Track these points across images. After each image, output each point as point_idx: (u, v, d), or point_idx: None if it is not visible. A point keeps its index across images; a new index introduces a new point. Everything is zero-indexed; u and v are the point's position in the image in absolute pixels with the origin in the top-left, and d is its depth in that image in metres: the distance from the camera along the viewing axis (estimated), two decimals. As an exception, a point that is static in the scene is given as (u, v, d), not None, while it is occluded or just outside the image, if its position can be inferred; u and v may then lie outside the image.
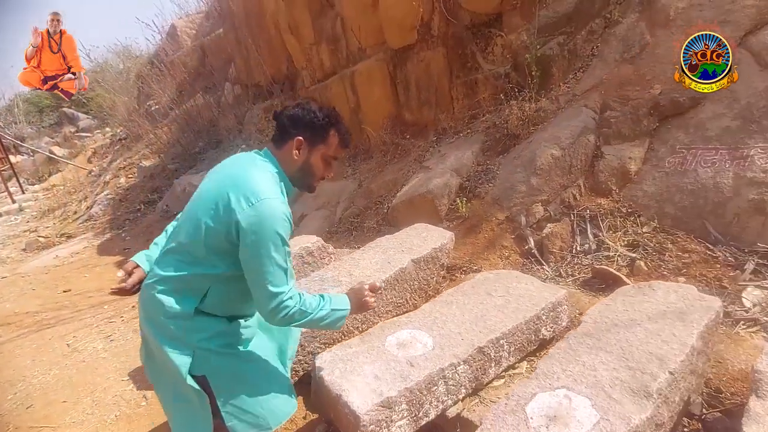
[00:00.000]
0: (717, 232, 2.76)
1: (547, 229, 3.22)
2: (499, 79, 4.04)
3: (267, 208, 1.37)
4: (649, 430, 1.41)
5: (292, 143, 1.51)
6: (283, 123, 1.54)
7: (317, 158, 1.55)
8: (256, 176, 1.44)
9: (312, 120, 1.51)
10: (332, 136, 1.55)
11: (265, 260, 1.38)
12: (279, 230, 1.38)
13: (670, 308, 1.79)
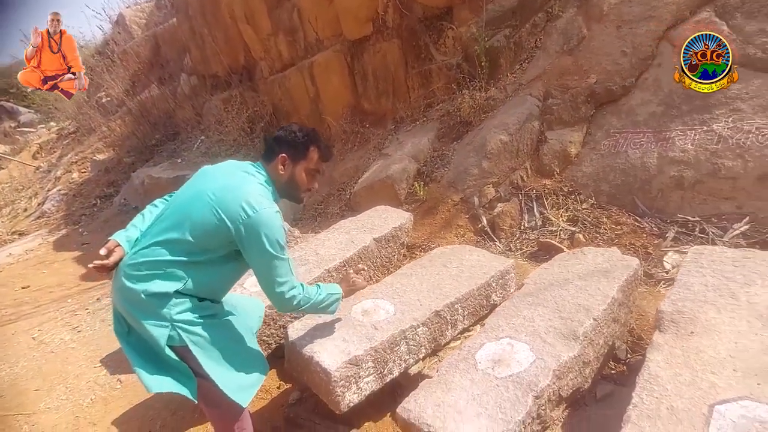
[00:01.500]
0: (644, 206, 3.10)
1: (498, 208, 3.49)
2: (451, 70, 4.28)
3: (267, 217, 1.57)
4: (577, 367, 1.68)
5: (278, 160, 1.71)
6: (270, 143, 1.76)
7: (300, 172, 1.75)
8: (254, 187, 1.64)
9: (293, 139, 1.73)
10: (312, 151, 1.76)
11: (271, 261, 1.59)
12: (278, 235, 1.59)
13: (597, 268, 2.08)
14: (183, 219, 1.60)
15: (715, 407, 1.23)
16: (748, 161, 2.78)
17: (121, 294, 1.61)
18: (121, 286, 1.60)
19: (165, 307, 1.56)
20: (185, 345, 1.58)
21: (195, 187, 1.69)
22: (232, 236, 1.57)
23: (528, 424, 1.47)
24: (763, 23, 3.02)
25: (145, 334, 1.58)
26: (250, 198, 1.58)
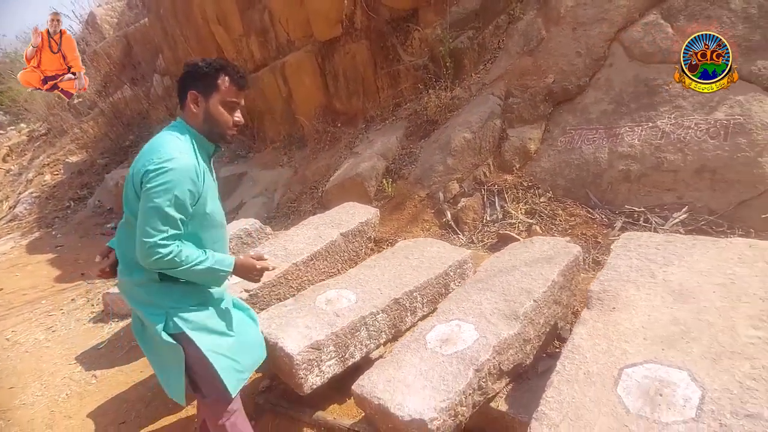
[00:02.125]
0: (596, 198, 3.30)
1: (462, 203, 3.66)
2: (418, 70, 4.43)
3: (165, 161, 1.48)
4: (518, 344, 1.84)
5: (189, 99, 1.59)
6: (178, 85, 1.63)
7: (215, 106, 1.59)
8: (159, 141, 1.56)
9: (197, 71, 1.58)
10: (222, 80, 1.59)
11: (150, 208, 1.46)
12: (173, 179, 1.47)
13: (542, 255, 2.25)
14: (126, 204, 1.61)
15: (624, 370, 1.40)
16: (688, 155, 2.99)
17: (122, 290, 1.71)
18: (119, 284, 1.69)
19: (158, 296, 1.60)
20: (181, 331, 1.60)
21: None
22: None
23: (469, 394, 1.63)
24: (703, 25, 3.23)
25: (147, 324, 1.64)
26: (153, 153, 1.51)
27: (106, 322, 3.55)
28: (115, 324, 3.47)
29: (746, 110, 2.87)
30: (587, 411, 1.32)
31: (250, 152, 5.92)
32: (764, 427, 1.15)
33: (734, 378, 1.28)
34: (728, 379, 1.29)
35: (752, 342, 1.37)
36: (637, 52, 3.45)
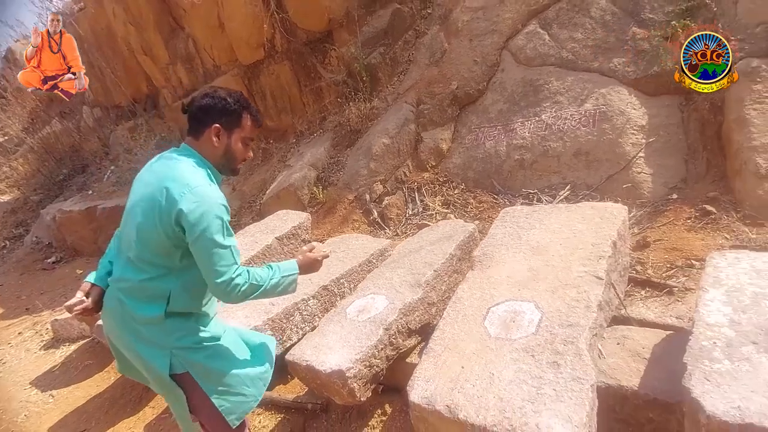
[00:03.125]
0: (499, 185, 3.78)
1: (386, 201, 4.06)
2: (339, 85, 4.82)
3: (203, 195, 1.45)
4: (423, 307, 2.23)
5: (210, 131, 1.56)
6: (196, 114, 1.59)
7: (236, 142, 1.62)
8: (182, 169, 1.51)
9: (225, 106, 1.57)
10: (245, 118, 1.62)
11: (210, 244, 1.44)
12: (218, 213, 1.46)
13: (444, 235, 2.67)
14: (132, 237, 1.54)
15: (490, 309, 1.82)
16: (567, 142, 3.53)
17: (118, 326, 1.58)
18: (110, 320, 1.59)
19: (162, 335, 1.54)
20: (185, 372, 1.56)
21: (132, 199, 1.61)
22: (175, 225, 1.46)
23: (381, 348, 2.00)
24: (571, 32, 3.81)
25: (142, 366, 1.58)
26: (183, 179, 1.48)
27: (57, 347, 3.66)
28: (66, 348, 3.59)
29: (608, 101, 3.45)
30: (461, 341, 1.72)
31: (188, 175, 6.09)
32: (578, 331, 1.58)
33: (564, 302, 1.73)
34: (560, 303, 1.73)
35: (580, 275, 1.83)
36: (523, 57, 4.00)
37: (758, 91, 2.81)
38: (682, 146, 3.17)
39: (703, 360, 1.29)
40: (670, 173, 3.13)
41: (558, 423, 1.31)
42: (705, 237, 2.61)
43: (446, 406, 1.49)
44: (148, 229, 1.50)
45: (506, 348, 1.61)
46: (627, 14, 3.60)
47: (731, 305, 1.46)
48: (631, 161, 3.20)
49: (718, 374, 1.23)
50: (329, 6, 4.57)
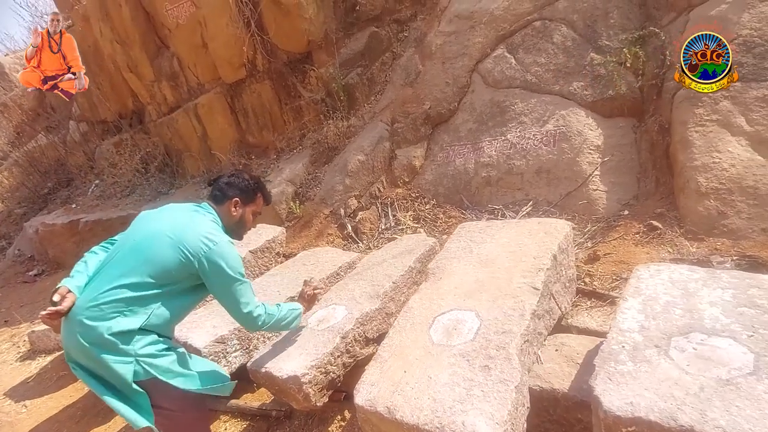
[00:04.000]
0: (467, 201, 3.95)
1: (360, 216, 4.20)
2: (318, 104, 4.99)
3: (226, 248, 1.78)
4: (380, 317, 2.36)
5: (231, 203, 1.93)
6: (221, 186, 1.96)
7: (249, 214, 2.01)
8: (209, 224, 1.83)
9: (246, 186, 1.98)
10: (259, 197, 2.04)
11: (234, 286, 1.78)
12: (237, 262, 1.80)
13: (406, 248, 2.81)
14: (140, 262, 1.71)
15: (436, 317, 1.95)
16: (529, 160, 3.71)
17: (80, 336, 1.64)
18: (80, 329, 1.64)
19: (128, 343, 1.65)
20: (152, 377, 1.68)
21: (145, 230, 1.81)
22: (194, 269, 1.72)
23: (337, 356, 2.12)
24: (535, 56, 4.02)
25: (106, 373, 1.66)
26: (208, 233, 1.76)
27: (33, 359, 3.72)
28: (43, 359, 3.66)
29: (567, 122, 3.64)
30: (407, 347, 1.86)
31: (172, 188, 6.20)
32: (510, 338, 1.72)
33: (502, 311, 1.87)
34: (498, 312, 1.87)
35: (519, 286, 1.97)
36: (491, 79, 4.19)
37: (699, 115, 3.01)
38: (635, 165, 3.36)
39: (609, 362, 1.43)
40: (623, 190, 3.31)
41: (481, 420, 1.44)
42: (650, 251, 2.78)
43: (386, 407, 1.62)
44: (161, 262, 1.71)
45: (446, 354, 1.75)
46: (586, 41, 3.81)
47: (644, 313, 1.61)
48: (588, 179, 3.38)
49: (620, 374, 1.37)
50: (308, 29, 4.76)
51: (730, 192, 2.78)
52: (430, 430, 1.48)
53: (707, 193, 2.83)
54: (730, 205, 2.76)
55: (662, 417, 1.20)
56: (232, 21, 4.80)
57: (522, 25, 4.20)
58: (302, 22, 4.73)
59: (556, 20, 4.02)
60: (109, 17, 5.90)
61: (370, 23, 5.08)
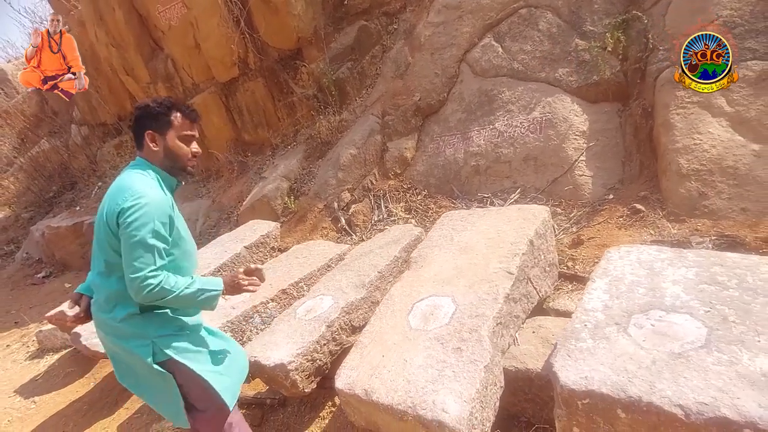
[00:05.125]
0: (458, 190, 4.00)
1: (353, 209, 4.27)
2: (310, 100, 5.05)
3: (140, 197, 1.54)
4: (366, 305, 2.44)
5: (146, 139, 1.67)
6: (133, 128, 1.72)
7: (173, 140, 1.67)
8: (126, 180, 1.62)
9: (150, 112, 1.67)
10: (175, 116, 1.68)
11: (135, 238, 1.51)
12: (152, 212, 1.54)
13: (393, 239, 2.88)
14: (97, 250, 1.66)
15: (415, 304, 2.02)
16: (517, 148, 3.75)
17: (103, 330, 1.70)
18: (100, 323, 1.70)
19: (140, 327, 1.63)
20: (170, 358, 1.64)
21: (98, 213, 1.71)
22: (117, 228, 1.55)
23: (323, 344, 2.20)
24: (521, 44, 4.04)
25: (131, 359, 1.67)
26: (124, 192, 1.57)
27: (42, 357, 3.85)
28: (50, 357, 3.78)
29: (553, 108, 3.67)
30: (386, 333, 1.93)
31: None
32: (483, 321, 1.79)
33: (477, 295, 1.93)
34: (473, 296, 1.93)
35: (495, 271, 2.04)
36: (479, 69, 4.23)
37: (681, 97, 3.03)
38: (620, 149, 3.40)
39: (570, 340, 1.49)
40: (608, 175, 3.35)
41: (450, 398, 1.51)
42: (633, 234, 2.82)
43: (364, 390, 1.70)
44: (103, 239, 1.61)
45: (422, 338, 1.82)
46: (571, 27, 3.83)
47: (609, 293, 1.67)
48: (573, 165, 3.41)
49: (578, 351, 1.44)
50: (297, 25, 4.81)
51: (711, 173, 2.81)
52: (403, 410, 1.55)
53: (688, 174, 2.87)
54: (711, 185, 2.79)
55: (613, 389, 1.26)
56: (222, 21, 4.86)
57: (508, 13, 4.22)
58: (291, 19, 4.77)
59: (541, 7, 4.04)
60: (104, 21, 5.98)
61: (360, 17, 5.12)
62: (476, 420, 1.50)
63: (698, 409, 1.15)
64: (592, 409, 1.29)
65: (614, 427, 1.27)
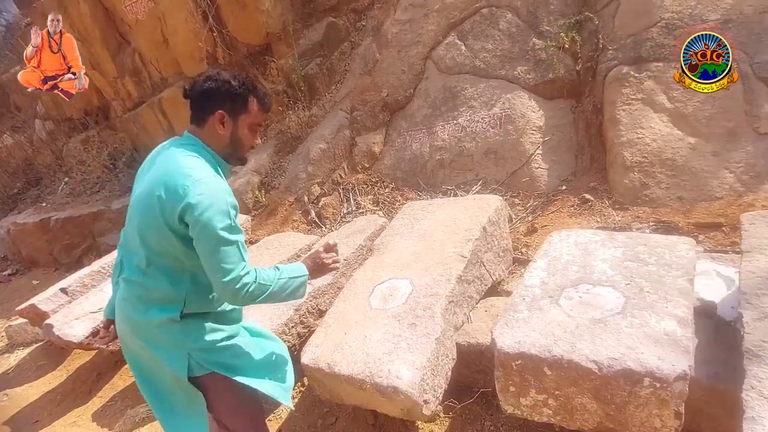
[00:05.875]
0: (423, 183, 4.16)
1: (323, 202, 4.40)
2: (279, 95, 5.13)
3: (207, 187, 1.35)
4: (332, 291, 2.58)
5: (214, 118, 1.46)
6: (198, 100, 1.49)
7: (243, 128, 1.51)
8: (184, 161, 1.41)
9: (229, 90, 1.45)
10: (252, 102, 1.50)
11: (215, 240, 1.34)
12: (224, 207, 1.36)
13: (359, 228, 3.03)
14: (140, 243, 1.46)
15: (376, 286, 2.18)
16: (479, 142, 3.94)
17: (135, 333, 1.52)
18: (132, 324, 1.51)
19: (179, 336, 1.47)
20: (210, 372, 1.50)
21: (132, 197, 1.53)
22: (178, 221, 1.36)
23: (291, 326, 2.34)
24: (483, 43, 4.23)
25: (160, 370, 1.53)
26: (183, 179, 1.37)
27: (11, 352, 3.86)
28: (21, 351, 3.80)
29: (512, 105, 3.87)
30: (349, 314, 2.08)
31: (142, 184, 6.29)
32: (436, 299, 1.96)
33: (432, 277, 2.10)
34: (429, 278, 2.10)
35: (450, 256, 2.21)
36: (443, 66, 4.39)
37: (626, 94, 3.27)
38: (573, 143, 3.62)
39: (509, 311, 1.67)
40: (562, 167, 3.57)
41: (404, 367, 1.67)
42: (582, 221, 3.04)
43: (327, 363, 1.84)
44: (151, 230, 1.41)
45: (381, 316, 1.98)
46: (529, 26, 4.04)
47: (547, 271, 1.85)
48: (530, 158, 3.62)
49: (515, 321, 1.62)
50: (266, 21, 4.88)
51: (652, 164, 3.05)
52: (362, 379, 1.71)
53: (632, 166, 3.10)
54: (652, 176, 3.04)
55: (540, 350, 1.44)
56: (190, 16, 4.89)
57: (471, 12, 4.40)
58: (260, 15, 4.84)
59: (502, 7, 4.23)
60: (68, 14, 5.90)
61: (328, 13, 5.22)
62: (427, 385, 1.66)
63: (609, 363, 1.34)
64: (523, 369, 1.47)
65: (543, 384, 1.46)
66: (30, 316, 3.40)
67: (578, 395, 1.41)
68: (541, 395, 1.49)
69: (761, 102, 2.84)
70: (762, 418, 1.19)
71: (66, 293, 3.42)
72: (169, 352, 1.46)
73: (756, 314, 1.44)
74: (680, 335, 1.37)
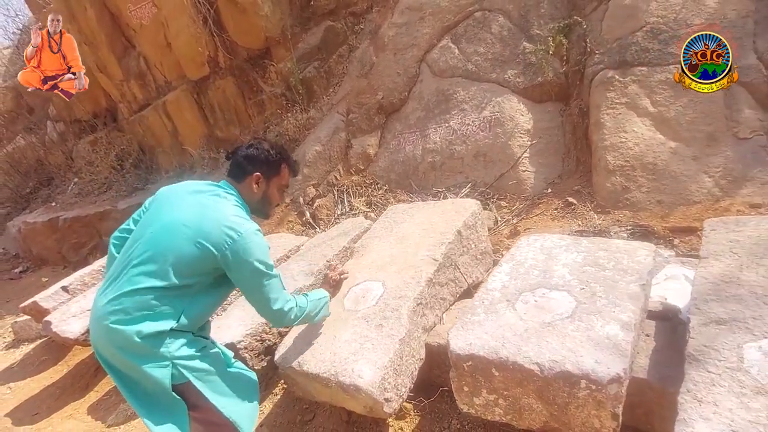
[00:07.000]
0: (416, 185, 4.23)
1: (318, 203, 4.49)
2: (278, 98, 5.24)
3: (253, 238, 1.59)
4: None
5: (251, 178, 1.74)
6: (239, 161, 1.76)
7: (273, 189, 1.82)
8: (230, 209, 1.64)
9: (267, 158, 1.77)
10: (284, 169, 1.83)
11: (263, 282, 1.62)
12: (265, 249, 1.64)
13: (344, 231, 3.11)
14: (160, 258, 1.55)
15: (351, 288, 2.25)
16: (469, 145, 3.99)
17: (110, 342, 1.55)
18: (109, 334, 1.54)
19: (162, 346, 1.53)
20: (187, 381, 1.57)
21: (161, 218, 1.63)
22: (218, 263, 1.56)
23: (271, 326, 2.43)
24: (475, 46, 4.27)
25: (142, 378, 1.56)
26: (230, 221, 1.58)
27: (17, 347, 4.02)
28: (26, 346, 3.96)
29: (502, 108, 3.92)
30: (323, 314, 2.16)
31: (147, 184, 6.45)
32: (404, 302, 2.03)
33: (403, 280, 2.17)
34: (400, 281, 2.17)
35: (422, 258, 2.27)
36: (437, 69, 4.45)
37: (611, 98, 3.30)
38: (560, 147, 3.66)
39: (467, 314, 1.74)
40: (549, 170, 3.61)
41: (366, 366, 1.75)
42: (563, 224, 3.09)
43: (297, 362, 1.93)
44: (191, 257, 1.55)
45: (351, 318, 2.05)
46: (520, 30, 4.08)
47: (510, 275, 1.92)
48: (518, 161, 3.67)
49: (471, 323, 1.68)
50: (265, 26, 4.98)
51: (633, 168, 3.09)
52: (327, 377, 1.79)
53: (614, 170, 3.14)
54: (633, 180, 3.07)
55: (488, 352, 1.51)
56: (191, 20, 5.02)
57: (465, 16, 4.45)
58: (259, 20, 4.95)
59: (494, 10, 4.27)
60: (76, 19, 6.08)
61: (326, 17, 5.30)
62: (389, 384, 1.74)
63: (550, 365, 1.40)
64: (474, 370, 1.54)
65: (492, 384, 1.53)
66: (32, 312, 3.54)
67: (524, 396, 1.48)
68: (491, 395, 1.55)
69: (741, 106, 2.86)
70: (693, 420, 1.24)
71: (67, 291, 3.57)
72: (152, 362, 1.52)
73: (702, 319, 1.49)
74: (621, 339, 1.42)
